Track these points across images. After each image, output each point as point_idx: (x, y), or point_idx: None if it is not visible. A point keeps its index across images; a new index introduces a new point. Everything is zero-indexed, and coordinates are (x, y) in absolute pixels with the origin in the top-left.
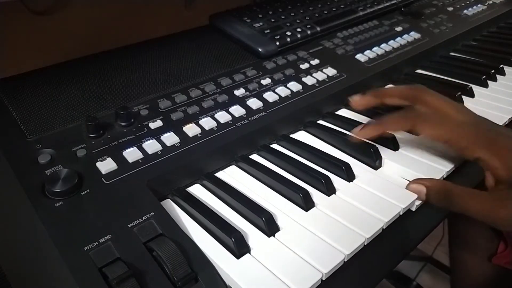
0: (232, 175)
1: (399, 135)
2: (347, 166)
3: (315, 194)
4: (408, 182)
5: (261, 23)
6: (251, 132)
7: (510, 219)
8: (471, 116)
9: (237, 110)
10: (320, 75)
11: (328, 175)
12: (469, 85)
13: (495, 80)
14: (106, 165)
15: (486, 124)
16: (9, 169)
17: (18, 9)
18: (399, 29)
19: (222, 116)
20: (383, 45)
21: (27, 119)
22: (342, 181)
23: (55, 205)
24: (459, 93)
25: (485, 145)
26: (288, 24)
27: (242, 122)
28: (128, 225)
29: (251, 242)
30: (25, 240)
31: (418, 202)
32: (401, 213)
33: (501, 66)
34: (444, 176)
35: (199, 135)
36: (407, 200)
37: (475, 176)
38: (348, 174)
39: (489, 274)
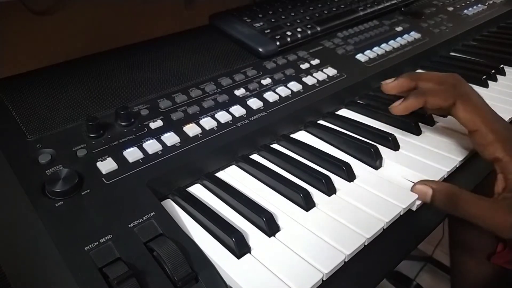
0: (233, 175)
1: (399, 135)
2: (348, 166)
3: (316, 194)
4: (409, 182)
5: (261, 23)
6: (251, 132)
7: None
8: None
9: (238, 110)
10: (320, 75)
11: (329, 175)
12: None
13: (495, 80)
14: (107, 165)
15: None
16: (9, 169)
17: (18, 9)
18: (399, 29)
19: (223, 116)
20: (383, 45)
21: (27, 119)
22: (343, 181)
23: (55, 205)
24: None
25: (509, 148)
26: (288, 24)
27: (242, 122)
28: (129, 225)
29: (251, 242)
30: (25, 240)
31: (418, 202)
32: (401, 213)
33: (501, 66)
34: (445, 176)
35: (199, 135)
36: (408, 200)
37: (476, 177)
38: (348, 174)
39: (488, 273)
